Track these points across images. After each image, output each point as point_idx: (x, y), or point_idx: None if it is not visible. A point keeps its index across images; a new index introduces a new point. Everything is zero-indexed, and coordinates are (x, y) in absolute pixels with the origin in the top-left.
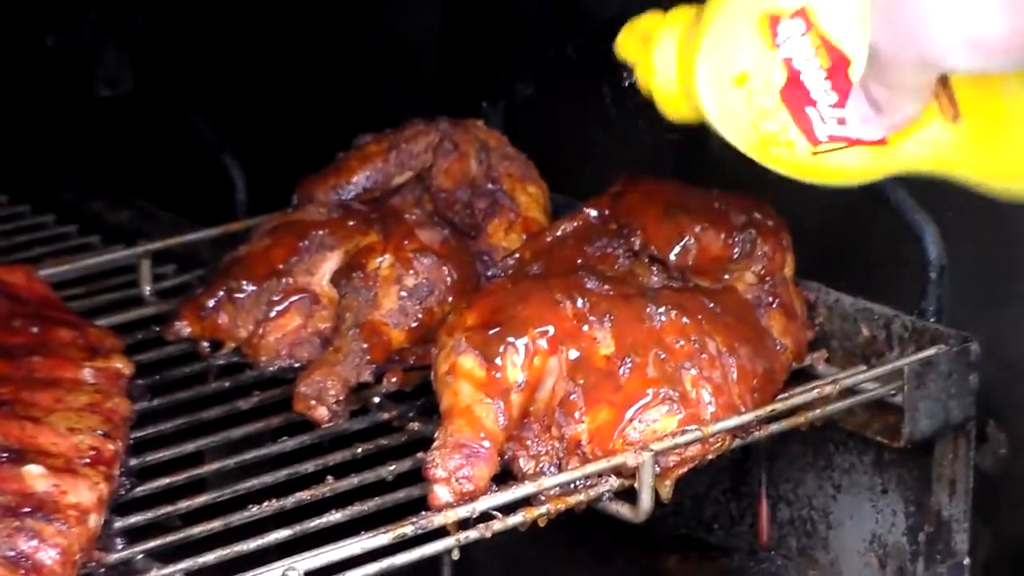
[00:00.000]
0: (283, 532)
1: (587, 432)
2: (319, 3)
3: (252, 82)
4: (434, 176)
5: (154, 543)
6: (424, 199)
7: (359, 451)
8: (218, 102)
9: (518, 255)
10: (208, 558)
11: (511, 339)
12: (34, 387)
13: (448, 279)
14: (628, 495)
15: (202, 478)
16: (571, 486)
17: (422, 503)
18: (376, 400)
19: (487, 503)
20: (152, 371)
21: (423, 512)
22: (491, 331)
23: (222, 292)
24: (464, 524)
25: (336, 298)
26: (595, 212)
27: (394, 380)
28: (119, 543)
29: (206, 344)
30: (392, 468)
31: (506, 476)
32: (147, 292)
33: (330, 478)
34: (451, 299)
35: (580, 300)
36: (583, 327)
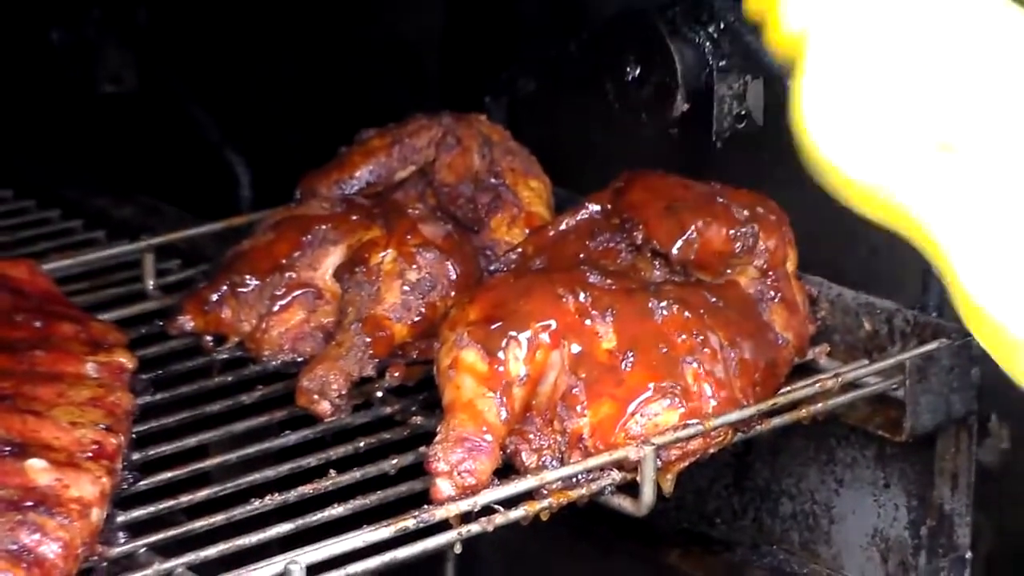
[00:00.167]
0: (285, 526)
1: (589, 426)
2: (322, 1)
3: (255, 78)
4: (437, 171)
5: (156, 537)
6: (427, 194)
7: (361, 445)
8: (221, 98)
9: (520, 249)
10: (210, 552)
11: (513, 333)
12: (36, 381)
13: (451, 274)
14: (630, 489)
15: (205, 472)
16: (573, 480)
17: (424, 497)
18: (379, 394)
19: (489, 497)
20: (155, 365)
21: (425, 506)
22: (493, 325)
23: (225, 287)
24: (466, 518)
25: (339, 293)
26: (597, 207)
27: (396, 374)
28: (121, 537)
29: (209, 338)
30: (394, 462)
31: (508, 470)
32: (151, 287)
33: (332, 472)
34: (453, 294)
35: (582, 294)
36: (585, 321)
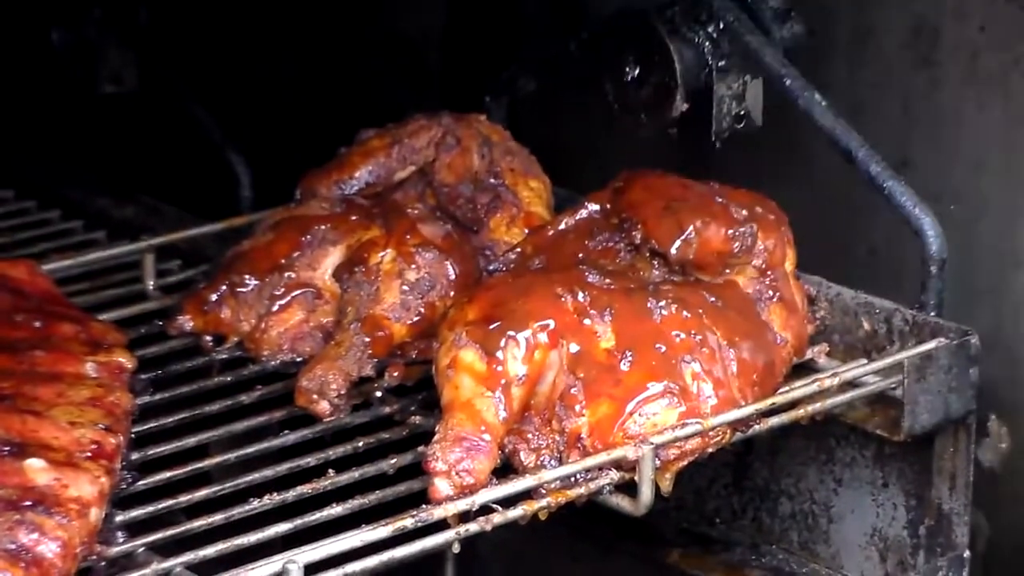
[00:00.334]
0: (284, 525)
1: (587, 425)
2: (322, 1)
3: (256, 78)
4: (436, 171)
5: (155, 536)
6: (426, 194)
7: (360, 445)
8: (222, 98)
9: (519, 249)
10: (209, 551)
11: (512, 333)
12: (36, 381)
13: (450, 273)
14: (628, 488)
15: (204, 472)
16: (571, 479)
17: (423, 497)
18: (378, 394)
19: (487, 496)
20: (155, 365)
21: (423, 505)
22: (492, 325)
23: (225, 287)
24: (464, 517)
25: (338, 292)
26: (596, 206)
27: (395, 374)
28: (120, 537)
29: (209, 338)
30: (393, 461)
31: (507, 470)
32: (151, 287)
33: (331, 472)
34: (452, 293)
35: (581, 294)
36: (584, 321)
